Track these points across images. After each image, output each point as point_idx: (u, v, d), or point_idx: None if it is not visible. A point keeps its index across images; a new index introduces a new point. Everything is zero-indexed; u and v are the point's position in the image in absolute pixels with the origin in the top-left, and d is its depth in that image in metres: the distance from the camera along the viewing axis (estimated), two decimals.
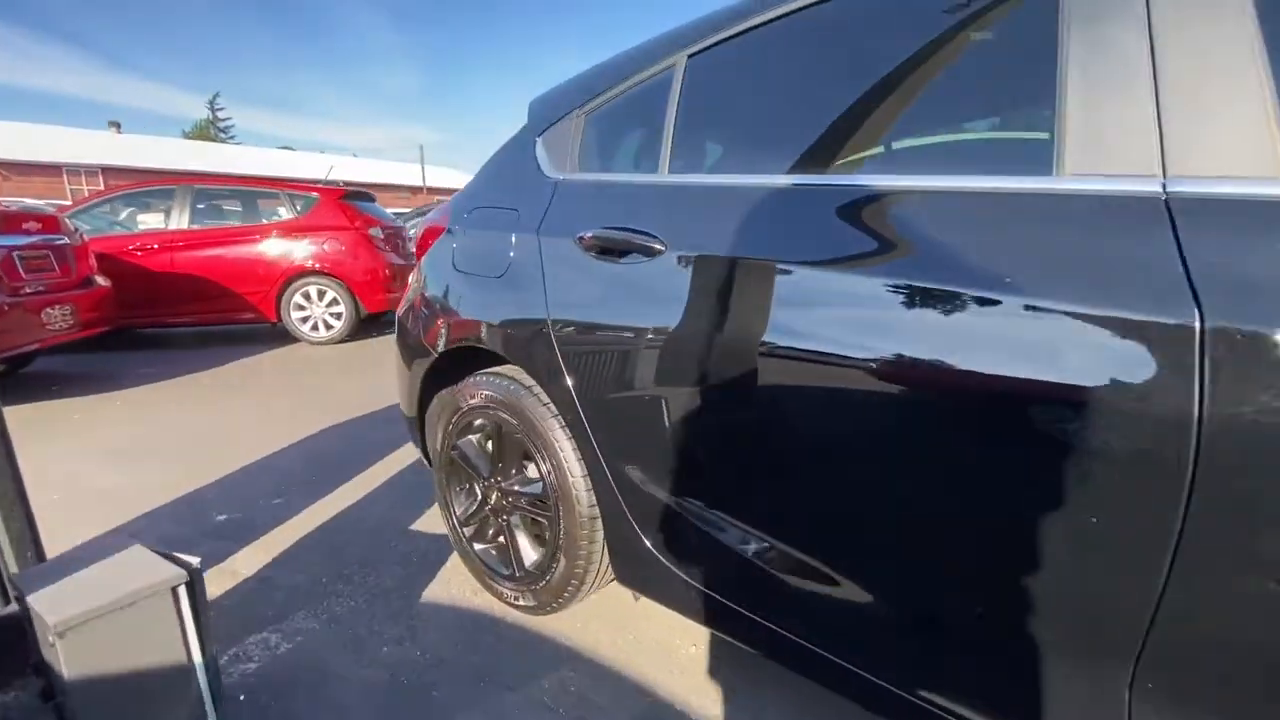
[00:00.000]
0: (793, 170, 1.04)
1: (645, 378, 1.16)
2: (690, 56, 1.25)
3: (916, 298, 0.81)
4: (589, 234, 1.26)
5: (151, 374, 4.38)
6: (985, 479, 0.79)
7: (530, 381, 1.46)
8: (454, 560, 1.87)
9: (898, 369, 0.83)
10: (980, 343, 0.76)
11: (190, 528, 2.10)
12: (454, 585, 1.75)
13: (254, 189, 5.93)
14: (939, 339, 0.79)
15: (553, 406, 1.40)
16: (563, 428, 1.38)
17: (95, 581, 0.99)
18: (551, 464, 1.40)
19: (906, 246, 0.86)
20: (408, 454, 2.75)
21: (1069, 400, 0.69)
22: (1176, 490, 0.63)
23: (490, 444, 1.60)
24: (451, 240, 1.68)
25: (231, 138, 52.36)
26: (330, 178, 7.12)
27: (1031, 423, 0.74)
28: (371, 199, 6.18)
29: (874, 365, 0.85)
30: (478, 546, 1.68)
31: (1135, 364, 0.65)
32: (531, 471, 1.55)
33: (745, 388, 1.02)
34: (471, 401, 1.58)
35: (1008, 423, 0.76)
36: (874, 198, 0.91)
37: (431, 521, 2.12)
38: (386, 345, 5.52)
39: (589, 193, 1.39)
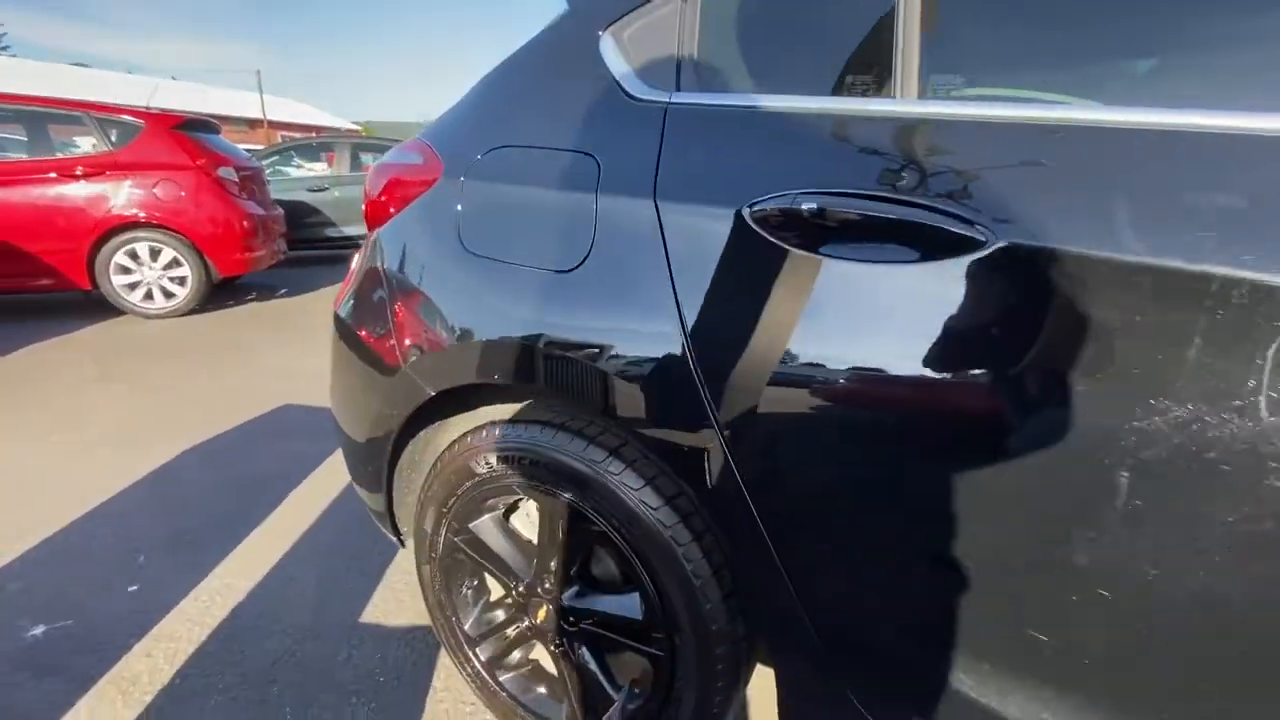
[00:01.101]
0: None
1: (941, 462, 0.65)
2: None
3: None
4: (806, 206, 0.70)
5: None
6: None
7: (618, 440, 0.89)
8: (447, 673, 1.27)
9: None
10: None
11: None
12: None
13: (42, 109, 4.37)
14: None
15: (678, 487, 0.85)
16: (684, 520, 0.85)
17: None
18: (667, 576, 0.86)
19: None
20: (322, 484, 2.00)
21: None
22: None
23: (539, 530, 1.01)
24: (451, 201, 1.02)
25: (4, 48, 41.94)
26: (154, 103, 5.56)
27: None
28: (216, 130, 4.86)
29: None
30: (506, 678, 1.10)
31: None
32: (602, 568, 1.00)
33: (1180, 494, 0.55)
34: (496, 466, 0.98)
35: None
36: None
37: (393, 605, 1.48)
38: (250, 316, 4.39)
39: (741, 128, 0.81)
